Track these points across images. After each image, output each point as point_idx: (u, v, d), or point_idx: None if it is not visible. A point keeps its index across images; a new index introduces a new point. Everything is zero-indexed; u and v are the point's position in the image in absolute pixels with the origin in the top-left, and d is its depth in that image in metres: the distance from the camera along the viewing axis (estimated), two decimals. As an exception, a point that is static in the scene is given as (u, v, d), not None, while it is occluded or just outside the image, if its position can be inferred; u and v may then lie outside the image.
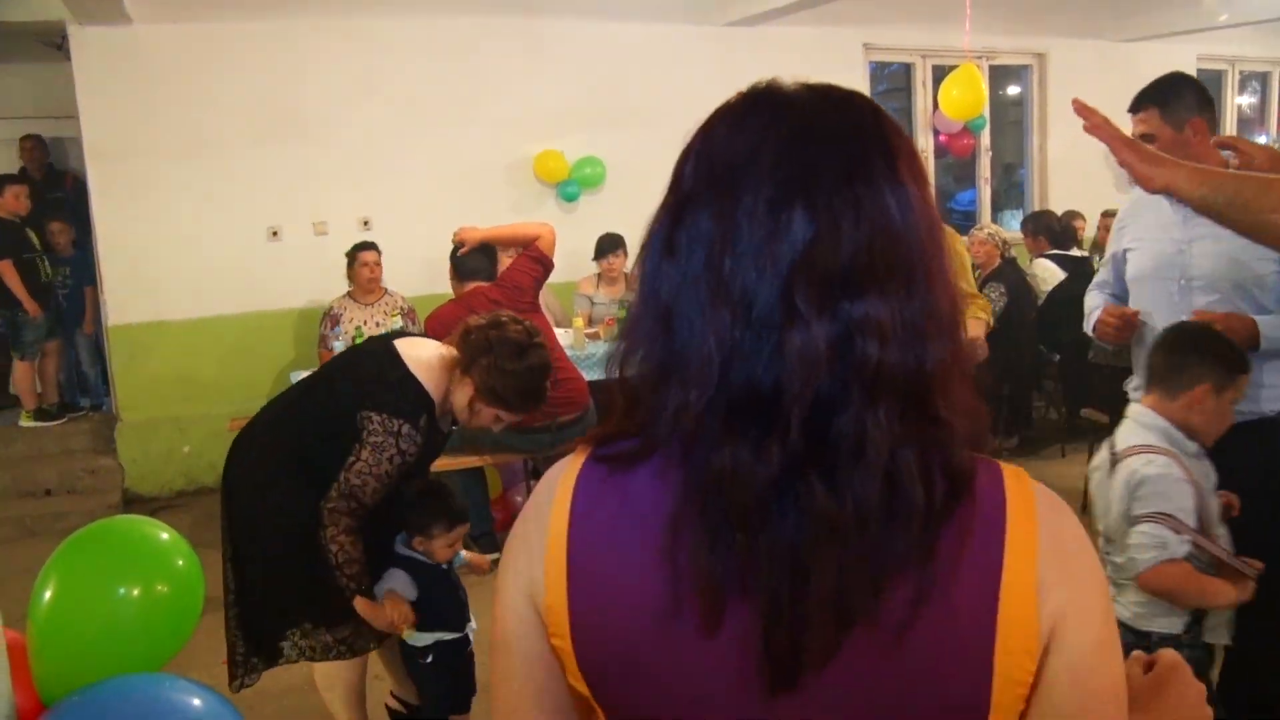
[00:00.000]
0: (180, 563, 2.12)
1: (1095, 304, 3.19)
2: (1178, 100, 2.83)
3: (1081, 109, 1.84)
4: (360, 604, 2.66)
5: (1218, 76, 10.05)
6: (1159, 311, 2.88)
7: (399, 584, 2.81)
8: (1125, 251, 3.05)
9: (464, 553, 3.04)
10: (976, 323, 4.27)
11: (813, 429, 0.80)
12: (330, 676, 2.92)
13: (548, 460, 5.04)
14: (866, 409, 0.80)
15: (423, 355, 2.72)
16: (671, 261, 0.87)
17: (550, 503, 0.92)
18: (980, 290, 5.73)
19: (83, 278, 7.25)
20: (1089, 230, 7.94)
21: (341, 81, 6.63)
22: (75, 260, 7.25)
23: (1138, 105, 2.88)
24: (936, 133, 8.52)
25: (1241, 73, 10.26)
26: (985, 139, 8.75)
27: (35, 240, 6.83)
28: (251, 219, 6.54)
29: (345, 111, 6.65)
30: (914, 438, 0.81)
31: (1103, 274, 3.24)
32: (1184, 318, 2.76)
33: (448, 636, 2.96)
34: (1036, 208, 8.83)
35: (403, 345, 2.75)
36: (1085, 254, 7.08)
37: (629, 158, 7.18)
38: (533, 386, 2.72)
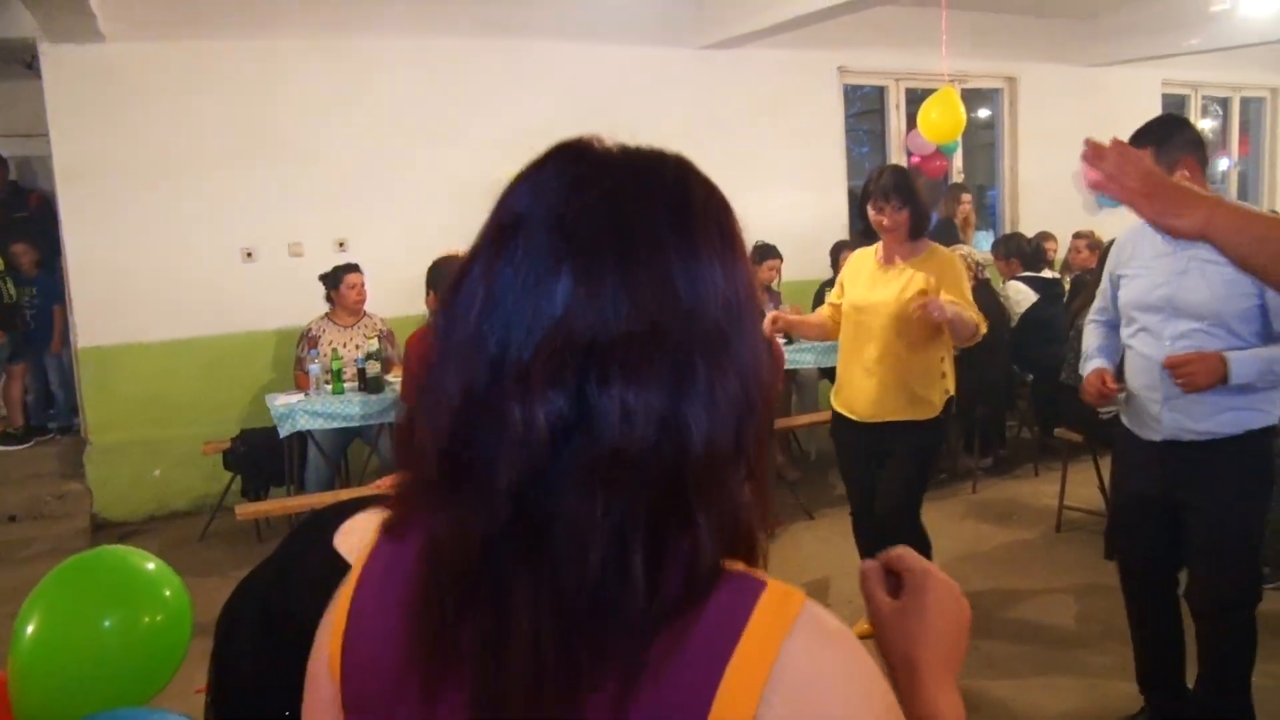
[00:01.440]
0: (167, 593, 2.07)
1: (1092, 345, 3.35)
2: (1171, 141, 2.95)
3: (1094, 152, 1.56)
4: None
5: (1181, 101, 10.23)
6: (1144, 336, 3.06)
7: None
8: (1120, 277, 3.17)
9: None
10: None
11: (527, 512, 0.74)
12: None
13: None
14: (588, 499, 0.72)
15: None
16: (448, 313, 0.81)
17: (350, 565, 0.92)
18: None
19: (50, 298, 7.15)
20: (1060, 252, 8.02)
21: (318, 101, 6.58)
22: (41, 280, 7.15)
23: (1135, 145, 2.93)
24: (909, 155, 8.58)
25: (1204, 97, 10.45)
26: (958, 161, 8.82)
27: None
28: (225, 240, 6.46)
29: (322, 132, 6.59)
30: (649, 535, 0.73)
31: (1099, 300, 3.35)
32: (1165, 343, 2.97)
33: None
34: (1008, 229, 8.93)
35: (345, 545, 2.58)
36: (1056, 276, 7.15)
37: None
38: None
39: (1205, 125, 10.70)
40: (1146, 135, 3.00)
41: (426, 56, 6.84)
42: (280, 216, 6.55)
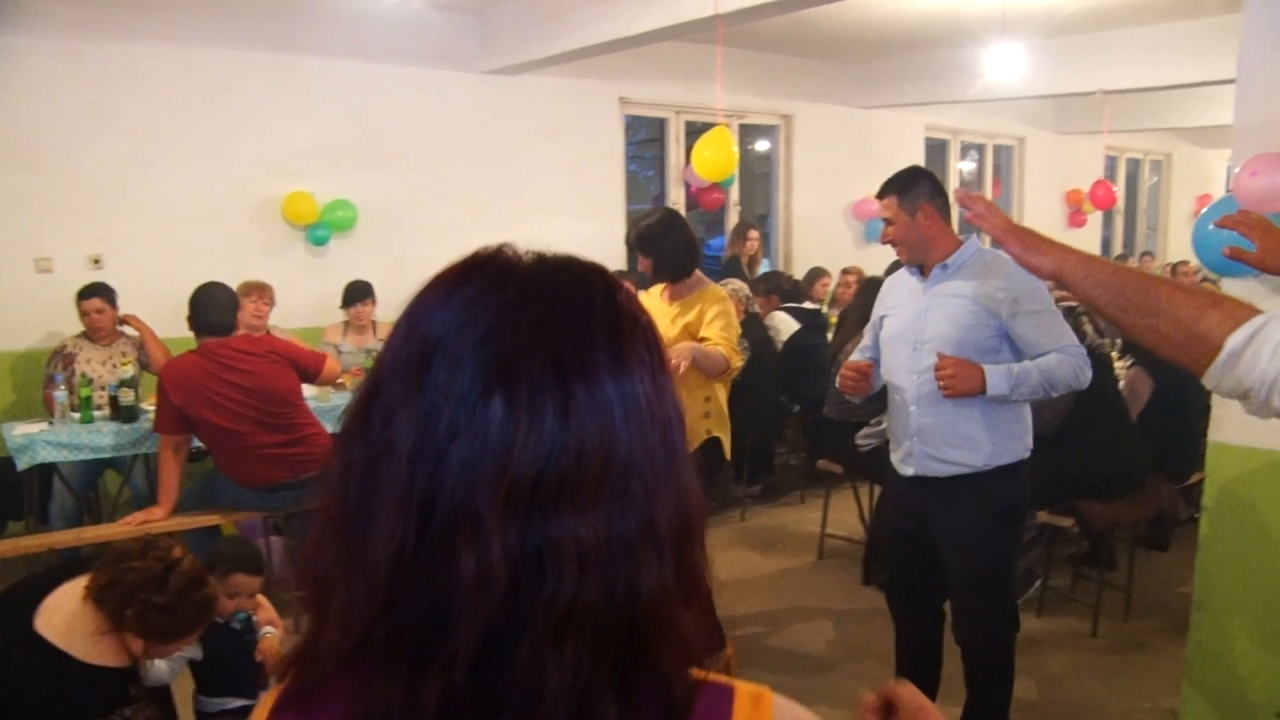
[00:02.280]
0: None
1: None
2: (913, 189, 3.21)
3: (964, 199, 1.89)
4: None
5: (942, 145, 10.94)
6: (898, 368, 3.30)
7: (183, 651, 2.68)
8: (882, 318, 3.45)
9: (268, 627, 2.89)
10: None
11: (482, 670, 0.69)
12: None
13: (287, 518, 4.89)
14: (548, 649, 0.68)
15: (78, 627, 2.41)
16: (361, 446, 0.74)
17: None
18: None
19: None
20: (831, 286, 8.42)
21: (70, 109, 6.17)
22: None
23: (882, 194, 3.27)
24: (688, 186, 8.82)
25: (962, 143, 11.21)
26: (734, 194, 9.13)
27: None
28: (-40, 252, 5.99)
29: (73, 141, 6.19)
30: (614, 676, 0.70)
31: (865, 338, 3.59)
32: (914, 376, 3.20)
33: (238, 703, 2.81)
34: (781, 263, 9.31)
35: (49, 627, 2.41)
36: (817, 307, 7.51)
37: (382, 202, 7.08)
38: (197, 605, 2.50)
39: (964, 167, 11.47)
40: (893, 185, 3.27)
41: (197, 68, 6.53)
42: (25, 230, 6.10)
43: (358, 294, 6.20)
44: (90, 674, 2.40)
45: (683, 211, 8.85)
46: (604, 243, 8.17)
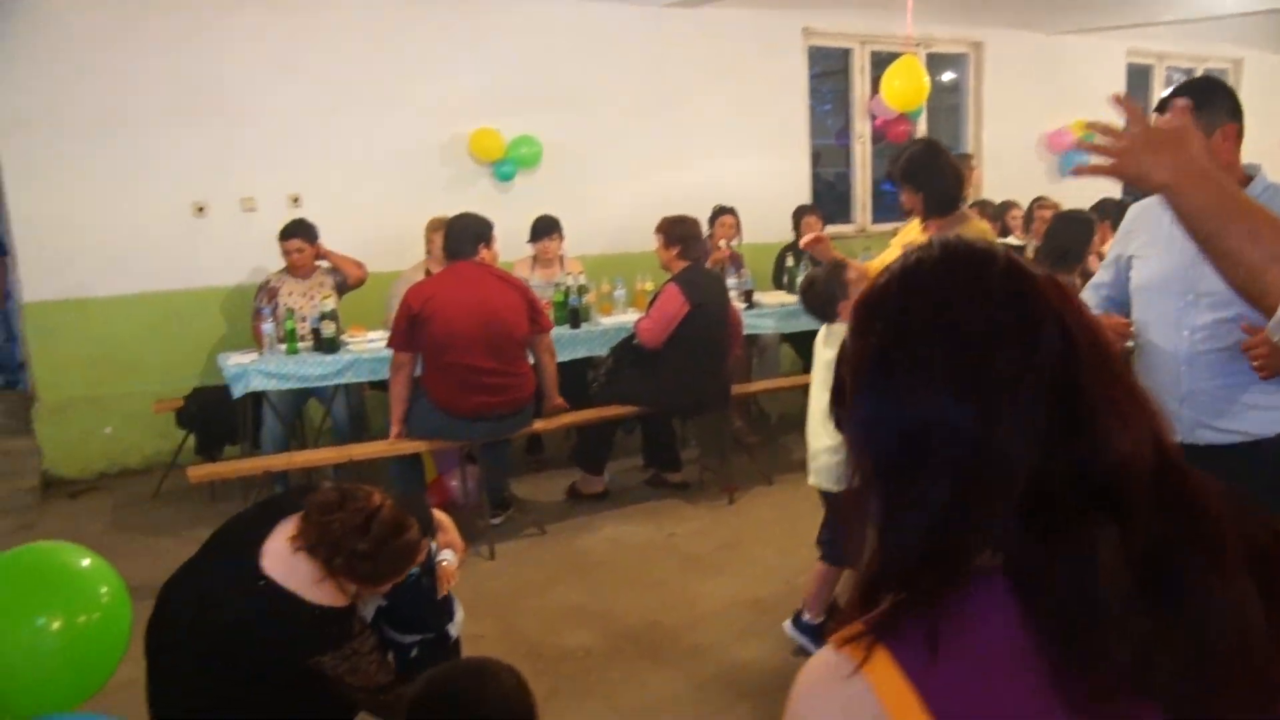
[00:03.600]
0: (104, 590, 1.99)
1: (1090, 305, 3.16)
2: (1213, 102, 2.58)
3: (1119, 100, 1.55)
4: None
5: (1145, 71, 10.25)
6: (1160, 325, 2.75)
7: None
8: (1131, 258, 2.90)
9: (445, 551, 2.98)
10: None
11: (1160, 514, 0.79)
12: None
13: (482, 447, 5.01)
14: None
15: (301, 573, 2.51)
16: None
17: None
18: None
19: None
20: (1021, 220, 8.03)
21: (266, 58, 6.43)
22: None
23: (1172, 97, 2.64)
24: (873, 118, 8.53)
25: (1169, 69, 10.47)
26: (922, 126, 8.79)
27: None
28: (174, 195, 6.31)
29: (271, 88, 6.45)
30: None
31: (1102, 275, 3.06)
32: (1185, 334, 2.68)
33: (422, 636, 2.92)
34: (972, 196, 8.93)
35: (276, 571, 2.52)
36: (1021, 243, 7.15)
37: (566, 139, 7.12)
38: (401, 549, 2.57)
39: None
40: (1190, 89, 2.69)
41: (382, 13, 6.69)
42: (231, 172, 6.41)
43: (545, 229, 6.25)
44: (320, 615, 2.51)
45: (869, 146, 8.61)
46: (787, 179, 8.03)
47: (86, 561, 2.01)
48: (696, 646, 3.89)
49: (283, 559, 2.55)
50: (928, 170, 3.83)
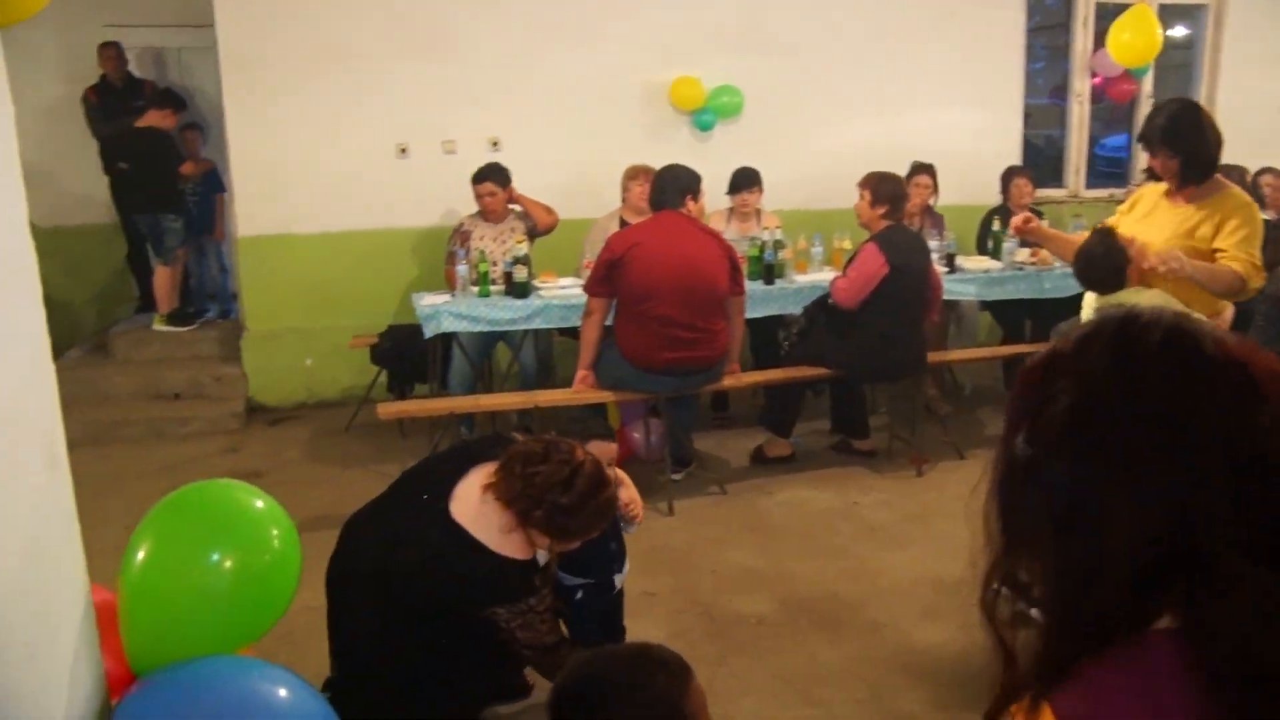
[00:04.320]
0: (275, 534, 1.98)
1: None
2: None
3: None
4: None
5: None
6: None
7: None
8: None
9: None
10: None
11: None
12: None
13: (667, 401, 4.94)
14: None
15: (489, 522, 2.54)
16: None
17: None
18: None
19: (211, 186, 7.34)
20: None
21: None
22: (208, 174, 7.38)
23: None
24: (1093, 74, 7.98)
25: None
26: (1148, 85, 8.16)
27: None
28: (381, 135, 6.46)
29: (480, 27, 6.50)
30: None
31: None
32: None
33: (587, 581, 2.93)
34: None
35: (464, 516, 2.57)
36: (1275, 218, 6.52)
37: (769, 88, 6.92)
38: (601, 505, 2.56)
39: None
40: None
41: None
42: (434, 114, 6.50)
43: (745, 181, 6.08)
44: (502, 565, 2.52)
45: (1087, 106, 8.06)
46: (996, 138, 7.60)
47: (260, 503, 2.01)
48: (874, 622, 3.74)
49: (472, 506, 2.56)
50: (1191, 132, 3.48)
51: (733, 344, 5.09)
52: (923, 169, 6.43)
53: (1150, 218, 3.62)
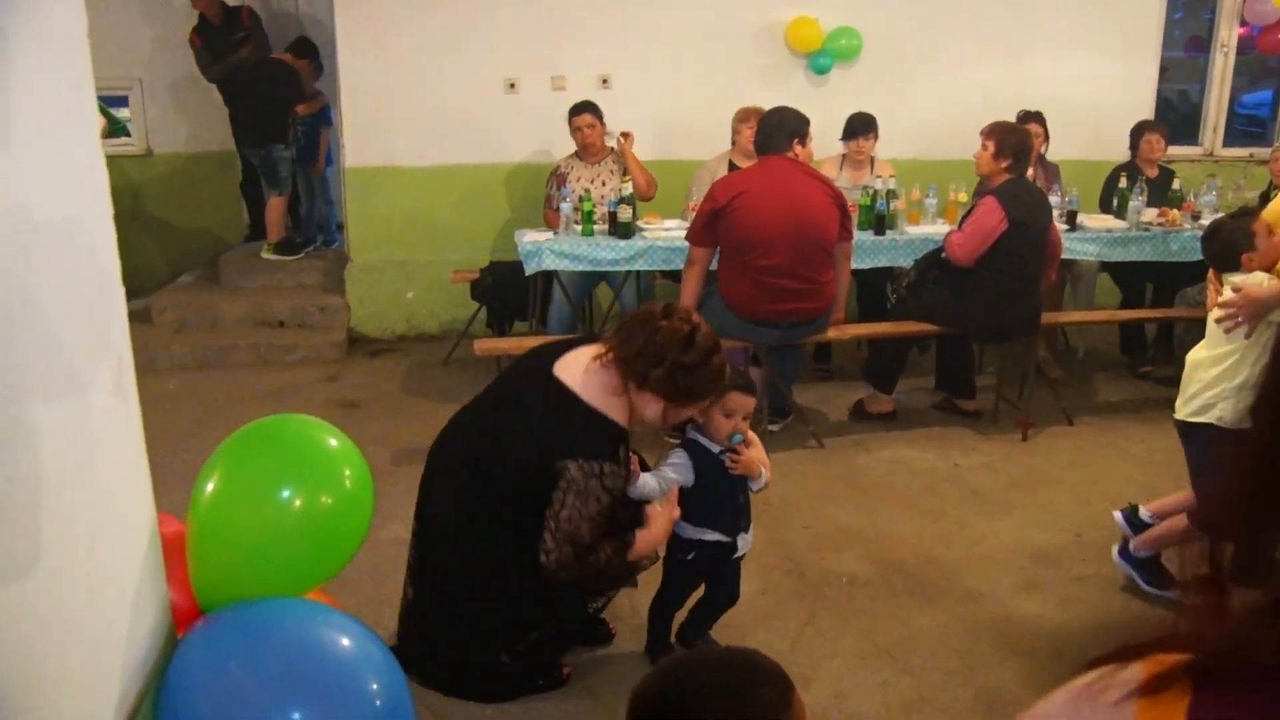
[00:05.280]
0: (348, 474, 1.91)
1: None
2: None
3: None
4: (642, 543, 2.66)
5: None
6: None
7: (675, 472, 2.76)
8: None
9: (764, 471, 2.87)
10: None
11: None
12: None
13: (769, 350, 4.82)
14: None
15: (593, 383, 2.55)
16: None
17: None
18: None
19: (318, 120, 7.38)
20: None
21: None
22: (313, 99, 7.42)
23: None
24: (1243, 23, 7.49)
25: None
26: (1302, 36, 7.64)
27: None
28: (491, 70, 6.40)
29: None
30: None
31: None
32: None
33: (712, 536, 2.85)
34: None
35: (566, 374, 2.58)
36: None
37: (890, 30, 6.66)
38: (718, 367, 2.54)
39: None
40: None
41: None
42: (545, 48, 6.41)
43: (860, 127, 5.86)
44: (592, 416, 2.52)
45: (1233, 56, 7.59)
46: (1129, 89, 7.20)
47: (334, 441, 1.94)
48: (970, 591, 3.60)
49: (577, 368, 2.59)
50: None
51: (839, 294, 4.93)
52: (1032, 116, 6.13)
53: None
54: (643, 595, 3.14)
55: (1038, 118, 6.13)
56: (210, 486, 1.83)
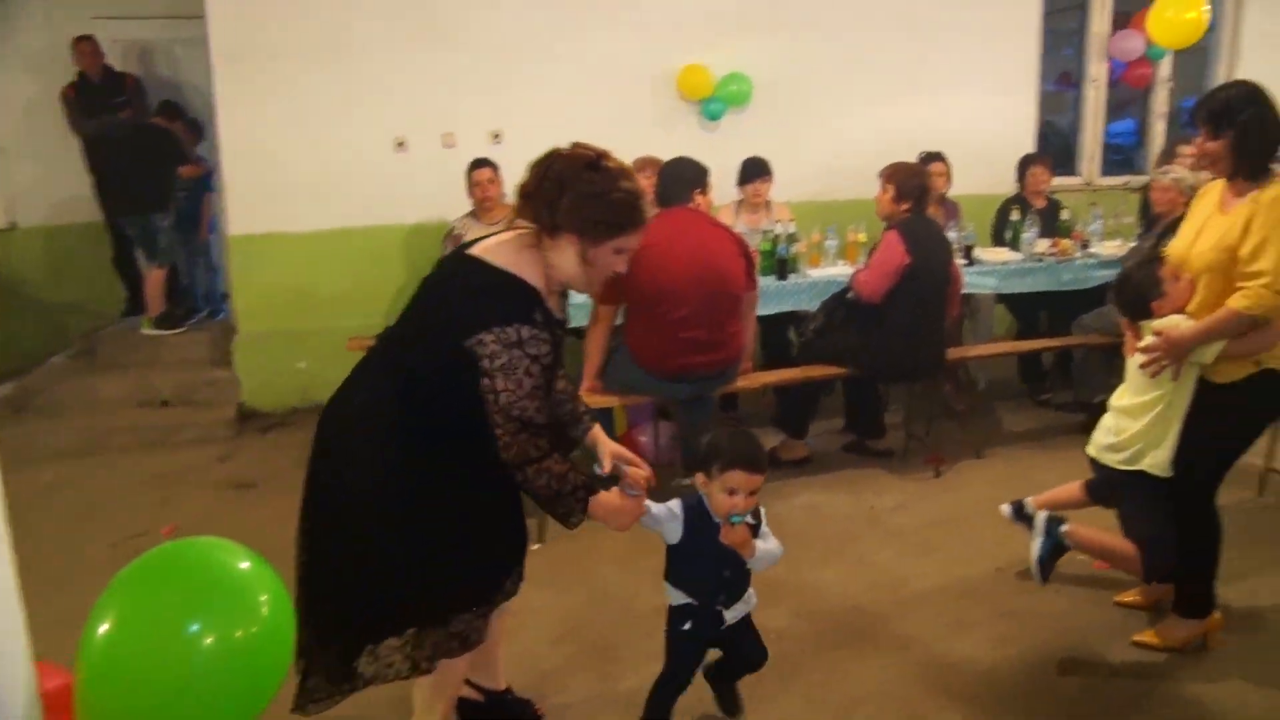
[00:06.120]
0: (264, 599, 1.72)
1: None
2: None
3: None
4: (600, 505, 2.40)
5: None
6: None
7: (660, 518, 2.62)
8: None
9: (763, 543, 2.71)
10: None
11: None
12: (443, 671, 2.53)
13: (680, 403, 4.72)
14: None
15: (504, 246, 2.36)
16: None
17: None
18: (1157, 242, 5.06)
19: (200, 185, 7.14)
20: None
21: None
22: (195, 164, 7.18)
23: None
24: (1110, 59, 7.76)
25: None
26: (1165, 69, 7.96)
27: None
28: (379, 128, 6.25)
29: (480, 16, 6.29)
30: None
31: None
32: None
33: (679, 600, 2.72)
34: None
35: (477, 248, 2.39)
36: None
37: (779, 74, 6.74)
38: (630, 190, 2.35)
39: None
40: None
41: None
42: (434, 105, 6.30)
43: (756, 171, 5.86)
44: (501, 275, 2.31)
45: (1105, 92, 7.86)
46: (1013, 123, 7.41)
47: (246, 564, 1.73)
48: (902, 637, 3.53)
49: (493, 241, 2.42)
50: (1249, 111, 3.04)
51: (747, 343, 4.87)
52: (934, 156, 6.22)
53: (1205, 228, 3.22)
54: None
55: (939, 157, 6.22)
56: (104, 627, 1.61)
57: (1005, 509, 3.81)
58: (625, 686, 3.22)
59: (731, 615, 2.75)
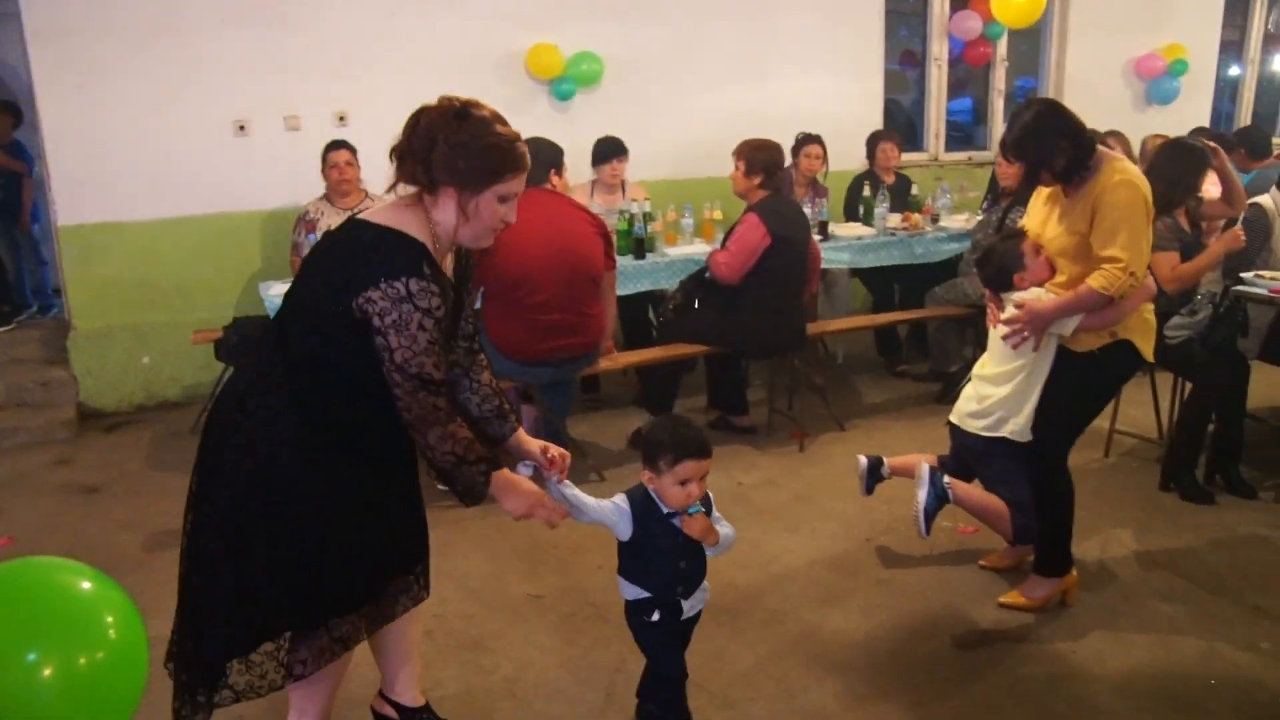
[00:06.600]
0: (110, 621, 1.59)
1: None
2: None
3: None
4: (501, 482, 2.32)
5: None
6: None
7: (607, 514, 2.55)
8: None
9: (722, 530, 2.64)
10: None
11: None
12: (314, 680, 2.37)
13: (542, 387, 4.66)
14: None
15: (387, 208, 2.30)
16: None
17: None
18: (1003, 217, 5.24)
19: (17, 174, 6.72)
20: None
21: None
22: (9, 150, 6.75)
23: None
24: (951, 38, 8.00)
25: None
26: (1002, 48, 8.25)
27: None
28: (216, 112, 5.95)
29: (320, -4, 6.05)
30: None
31: None
32: None
33: (634, 594, 2.65)
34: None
35: (361, 214, 2.33)
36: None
37: (630, 54, 6.69)
38: (503, 134, 2.29)
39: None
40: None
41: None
42: (276, 87, 6.03)
43: (611, 150, 5.82)
44: (383, 232, 2.23)
45: (945, 71, 8.08)
46: (860, 102, 7.56)
47: (88, 584, 1.60)
48: (774, 612, 3.56)
49: (380, 205, 2.35)
50: (1040, 146, 3.22)
51: (608, 324, 4.84)
52: (811, 139, 6.29)
53: (1051, 214, 3.40)
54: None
55: (816, 140, 6.29)
56: None
57: (862, 460, 3.92)
58: (502, 675, 3.16)
59: (689, 607, 2.70)
